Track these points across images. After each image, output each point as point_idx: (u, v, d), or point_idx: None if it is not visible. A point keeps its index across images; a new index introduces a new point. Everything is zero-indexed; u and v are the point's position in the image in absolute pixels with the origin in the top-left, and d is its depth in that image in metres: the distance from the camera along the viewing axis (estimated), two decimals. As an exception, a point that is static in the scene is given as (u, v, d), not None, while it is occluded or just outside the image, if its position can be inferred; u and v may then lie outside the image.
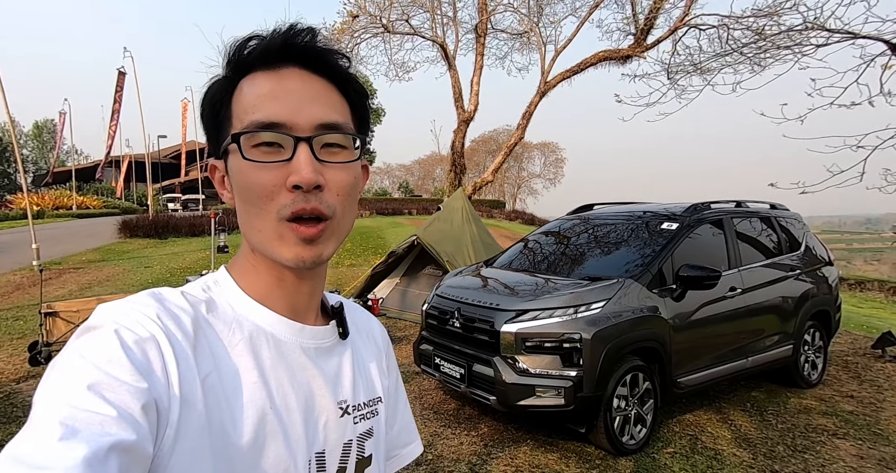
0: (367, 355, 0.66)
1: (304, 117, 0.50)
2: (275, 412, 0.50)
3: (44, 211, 20.73)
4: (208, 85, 0.55)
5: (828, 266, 4.62)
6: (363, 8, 10.07)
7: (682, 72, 8.21)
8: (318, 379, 0.56)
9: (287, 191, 0.49)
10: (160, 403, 0.43)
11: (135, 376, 0.41)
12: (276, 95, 0.51)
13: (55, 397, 0.39)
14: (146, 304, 0.48)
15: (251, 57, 0.52)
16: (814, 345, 4.37)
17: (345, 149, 0.54)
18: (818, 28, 5.47)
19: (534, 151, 48.46)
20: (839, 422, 3.59)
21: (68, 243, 12.35)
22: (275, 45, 0.52)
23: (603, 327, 3.01)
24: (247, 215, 0.52)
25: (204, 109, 0.56)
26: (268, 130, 0.50)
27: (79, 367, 0.41)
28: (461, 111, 10.46)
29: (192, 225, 14.67)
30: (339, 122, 0.53)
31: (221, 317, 0.52)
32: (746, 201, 4.42)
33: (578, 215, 4.64)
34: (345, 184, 0.53)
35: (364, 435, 0.60)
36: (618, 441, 3.04)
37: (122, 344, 0.43)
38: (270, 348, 0.53)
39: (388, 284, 6.78)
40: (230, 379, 0.49)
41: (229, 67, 0.54)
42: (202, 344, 0.49)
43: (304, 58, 0.53)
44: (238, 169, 0.51)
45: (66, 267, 9.68)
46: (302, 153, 0.50)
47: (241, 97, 0.52)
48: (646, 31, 9.20)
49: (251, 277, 0.56)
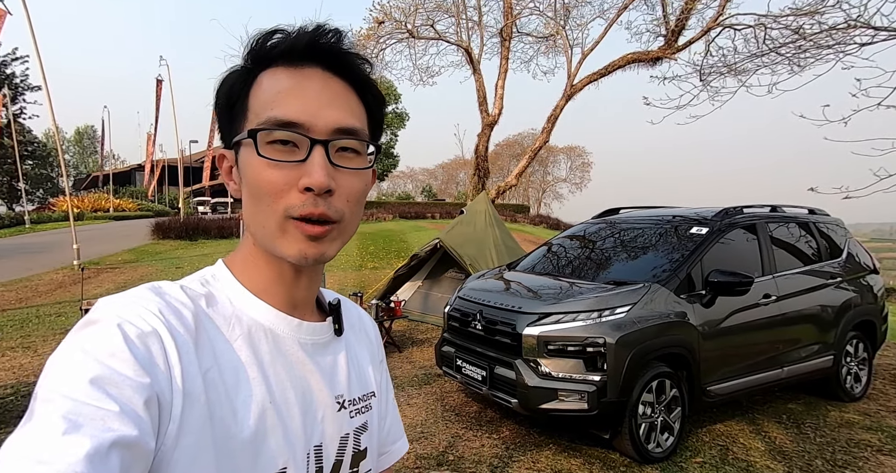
0: (360, 350, 0.66)
1: (322, 120, 0.50)
2: (274, 407, 0.51)
3: (83, 213, 21.70)
4: (226, 74, 0.55)
5: (872, 275, 4.40)
6: (388, 14, 10.21)
7: (716, 73, 8.01)
8: (315, 374, 0.56)
9: (298, 192, 0.49)
10: (163, 398, 0.42)
11: (137, 370, 0.41)
12: (296, 93, 0.51)
13: (57, 391, 0.38)
14: (147, 298, 0.48)
15: (274, 51, 0.52)
16: (857, 357, 4.16)
17: (359, 155, 0.54)
18: (862, 26, 5.24)
19: (560, 155, 47.98)
20: (885, 438, 3.39)
21: (106, 244, 12.88)
22: (300, 43, 0.52)
23: (628, 331, 2.93)
24: (253, 209, 0.52)
25: (219, 98, 0.55)
26: (285, 128, 0.49)
27: (81, 361, 0.40)
28: (485, 115, 10.46)
29: (220, 227, 15.07)
30: (356, 127, 0.53)
31: (221, 312, 0.52)
32: (783, 206, 4.25)
33: (604, 219, 4.56)
34: (355, 190, 0.53)
35: (360, 429, 0.61)
36: (643, 448, 2.95)
37: (125, 338, 0.43)
38: (269, 343, 0.53)
39: (410, 286, 6.80)
40: (231, 374, 0.49)
41: (250, 58, 0.53)
42: (203, 339, 0.49)
43: (327, 58, 0.53)
44: (250, 164, 0.51)
45: (103, 267, 10.10)
46: (317, 156, 0.49)
47: (260, 91, 0.52)
48: (677, 32, 9.01)
49: (251, 270, 0.56)
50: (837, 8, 5.92)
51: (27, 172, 28.02)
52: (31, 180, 30.06)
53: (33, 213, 21.07)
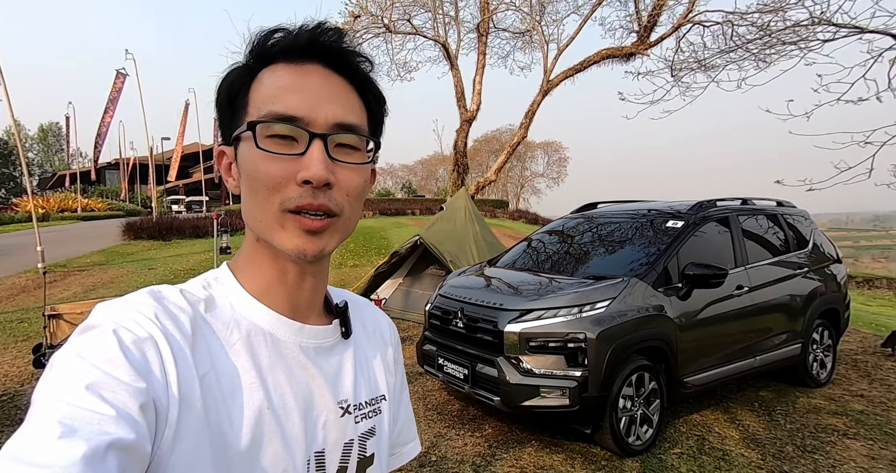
0: (371, 352, 0.65)
1: (321, 114, 0.51)
2: (272, 412, 0.50)
3: (49, 214, 20.85)
4: (227, 71, 0.55)
5: (836, 264, 4.56)
6: (365, 8, 10.06)
7: (686, 69, 8.16)
8: (317, 379, 0.56)
9: (295, 185, 0.49)
10: (158, 403, 0.43)
11: (133, 376, 0.42)
12: (296, 88, 0.51)
13: (54, 396, 0.39)
14: (145, 303, 0.48)
15: (275, 48, 0.52)
16: (822, 344, 4.32)
17: (358, 151, 0.54)
18: (825, 23, 5.41)
19: (537, 150, 48.38)
20: (849, 422, 3.54)
21: (73, 246, 12.39)
22: (301, 40, 0.52)
23: (608, 326, 2.97)
24: (250, 203, 0.52)
25: (220, 95, 0.55)
26: (284, 122, 0.50)
27: (77, 367, 0.41)
28: (463, 111, 10.43)
29: (195, 227, 14.68)
30: (355, 123, 0.53)
31: (219, 316, 0.52)
32: (752, 199, 4.37)
33: (582, 213, 4.60)
34: (354, 185, 0.53)
35: (366, 434, 0.59)
36: (624, 441, 3.00)
37: (121, 344, 0.43)
38: (268, 347, 0.53)
39: (391, 284, 6.75)
40: (227, 379, 0.49)
41: (251, 56, 0.54)
42: (200, 344, 0.48)
43: (327, 56, 0.53)
44: (249, 157, 0.51)
45: (70, 269, 9.71)
46: (315, 149, 0.50)
47: (261, 87, 0.52)
48: (649, 28, 9.14)
49: (254, 270, 0.56)
50: (801, 5, 6.11)
51: (-14, 172, 26.68)
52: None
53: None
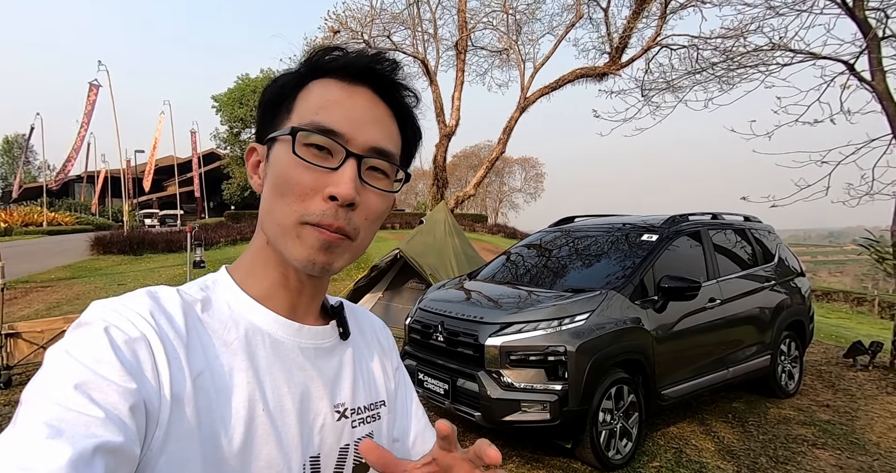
0: (369, 357, 0.65)
1: (362, 135, 0.51)
2: (267, 414, 0.49)
3: (12, 228, 19.98)
4: (281, 74, 0.56)
5: (800, 277, 4.74)
6: (344, 23, 10.16)
7: (656, 89, 8.49)
8: (315, 381, 0.55)
9: (321, 199, 0.50)
10: (149, 403, 0.42)
11: (124, 376, 0.41)
12: (343, 104, 0.52)
13: (42, 395, 0.38)
14: (140, 302, 0.47)
15: (332, 64, 0.54)
16: (790, 355, 4.45)
17: (387, 178, 0.55)
18: (782, 48, 5.73)
19: (514, 165, 49.10)
20: (817, 432, 3.64)
21: (36, 261, 11.87)
22: (360, 63, 0.53)
23: (587, 339, 3.00)
24: (272, 206, 0.52)
25: (268, 94, 0.56)
26: (326, 134, 0.50)
27: (67, 366, 0.40)
28: (443, 126, 10.56)
29: (168, 240, 14.30)
30: (391, 150, 0.54)
31: (217, 316, 0.51)
32: (722, 213, 4.52)
33: (560, 227, 4.68)
34: (377, 210, 0.54)
35: (362, 440, 0.58)
36: (604, 456, 3.01)
37: (112, 343, 0.42)
38: (266, 347, 0.52)
39: (370, 298, 6.68)
40: (222, 379, 0.48)
41: (307, 65, 0.55)
42: (195, 344, 0.48)
43: (379, 82, 0.55)
44: (282, 160, 0.51)
45: (32, 286, 9.29)
46: (348, 167, 0.50)
47: (310, 95, 0.53)
48: (620, 49, 9.49)
49: (257, 273, 0.55)
50: (760, 32, 6.47)
51: (-55, 184, 25.44)
52: (-52, 191, 27.37)
53: (-50, 228, 19.16)
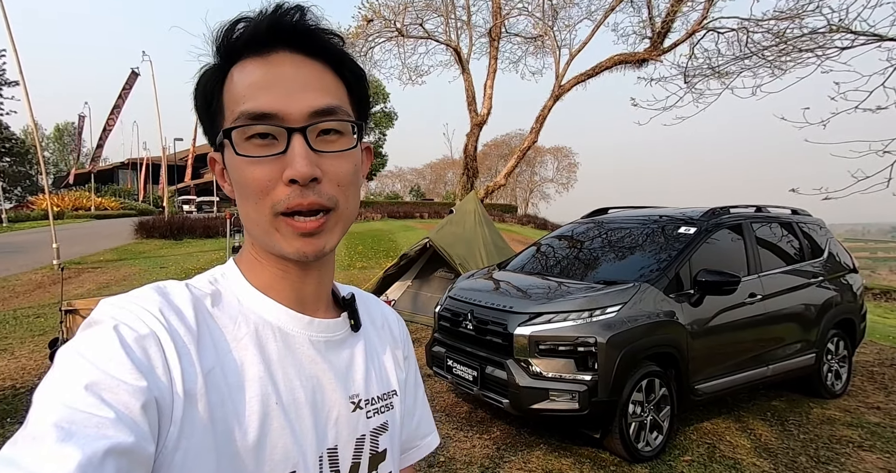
0: (381, 347, 0.65)
1: (296, 106, 0.48)
2: (281, 407, 0.49)
3: (63, 212, 21.19)
4: (199, 74, 0.52)
5: (852, 274, 4.50)
6: (378, 12, 10.16)
7: (700, 75, 8.13)
8: (327, 373, 0.54)
9: (283, 186, 0.48)
10: (162, 401, 0.42)
11: (134, 374, 0.40)
12: (266, 83, 0.48)
13: (53, 397, 0.38)
14: (149, 298, 0.47)
15: (239, 43, 0.50)
16: (837, 354, 4.25)
17: (342, 135, 0.51)
18: (843, 30, 5.36)
19: (547, 155, 48.29)
20: (865, 434, 3.48)
21: (87, 244, 12.59)
22: (262, 28, 0.49)
23: (618, 331, 2.95)
24: (244, 209, 0.51)
25: (196, 101, 0.53)
26: (259, 121, 0.47)
27: (77, 365, 0.40)
28: (474, 115, 10.47)
29: (206, 226, 14.84)
30: (333, 106, 0.50)
31: (226, 310, 0.51)
32: (767, 206, 4.33)
33: (593, 219, 4.59)
34: (344, 173, 0.51)
35: (378, 430, 0.59)
36: (633, 447, 2.98)
37: (122, 342, 0.42)
38: (277, 341, 0.52)
39: (399, 286, 6.77)
40: (234, 374, 0.48)
41: (218, 55, 0.51)
42: (205, 339, 0.47)
43: (293, 40, 0.50)
44: (232, 164, 0.50)
45: (84, 267, 9.86)
46: (296, 145, 0.47)
47: (232, 87, 0.50)
48: (662, 34, 9.12)
49: (256, 269, 0.55)
50: (818, 13, 6.07)
51: (4, 170, 27.29)
52: (8, 177, 29.30)
53: (11, 212, 20.51)
